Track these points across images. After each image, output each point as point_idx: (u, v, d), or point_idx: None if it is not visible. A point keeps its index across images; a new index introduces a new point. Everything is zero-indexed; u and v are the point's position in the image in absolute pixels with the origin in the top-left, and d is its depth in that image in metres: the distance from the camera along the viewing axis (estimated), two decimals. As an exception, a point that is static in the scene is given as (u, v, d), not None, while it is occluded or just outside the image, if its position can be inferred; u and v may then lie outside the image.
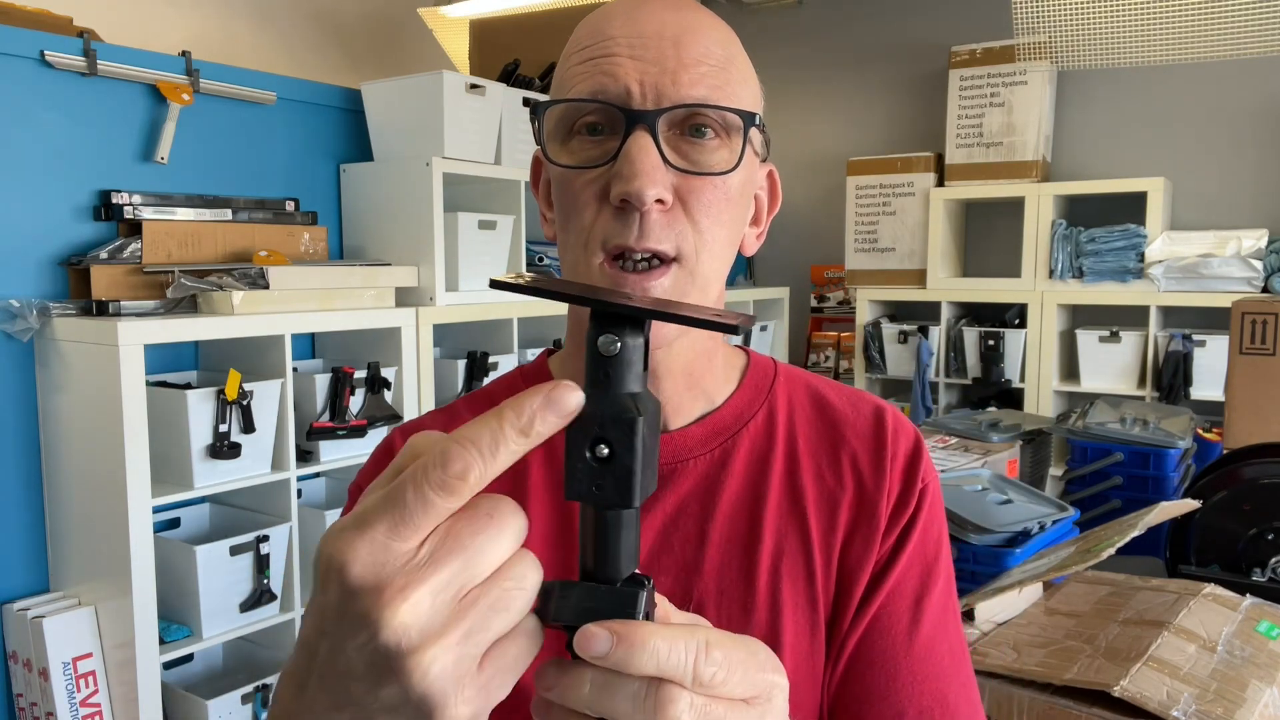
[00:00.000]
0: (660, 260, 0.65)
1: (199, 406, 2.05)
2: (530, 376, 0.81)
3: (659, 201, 0.64)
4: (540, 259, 2.93)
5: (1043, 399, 3.46)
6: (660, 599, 0.43)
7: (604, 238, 0.65)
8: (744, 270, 4.24)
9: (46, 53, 2.02)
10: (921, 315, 3.82)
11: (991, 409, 3.03)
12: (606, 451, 0.40)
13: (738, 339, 0.58)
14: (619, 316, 0.41)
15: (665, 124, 0.65)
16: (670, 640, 0.39)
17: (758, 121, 0.67)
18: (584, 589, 0.41)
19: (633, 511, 0.41)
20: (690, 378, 0.74)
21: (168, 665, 2.17)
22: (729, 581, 0.71)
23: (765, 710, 0.43)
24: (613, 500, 0.40)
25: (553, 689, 0.40)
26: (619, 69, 0.65)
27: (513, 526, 0.38)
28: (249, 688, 2.17)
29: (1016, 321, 3.55)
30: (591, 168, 0.65)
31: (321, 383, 2.32)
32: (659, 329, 0.65)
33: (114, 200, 2.13)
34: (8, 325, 1.98)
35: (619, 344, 0.40)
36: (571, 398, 0.38)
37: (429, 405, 2.53)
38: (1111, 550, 1.23)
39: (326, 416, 2.33)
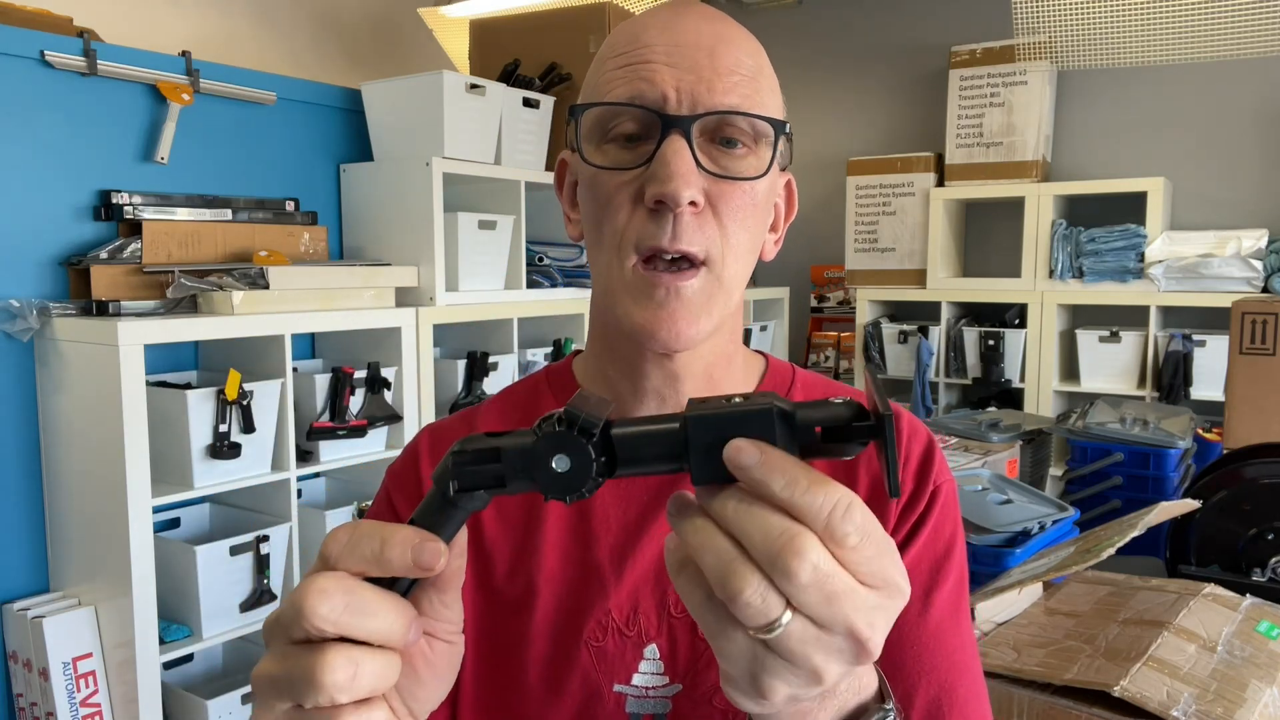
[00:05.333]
0: (690, 263, 0.67)
1: (199, 406, 2.05)
2: (555, 377, 0.82)
3: (692, 204, 0.65)
4: (540, 259, 2.92)
5: (1043, 399, 3.46)
6: None
7: (637, 239, 0.67)
8: (744, 270, 4.24)
9: (46, 53, 2.02)
10: (921, 315, 3.81)
11: (991, 409, 3.03)
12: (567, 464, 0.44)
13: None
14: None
15: (698, 130, 0.66)
16: (813, 481, 0.41)
17: (788, 130, 0.69)
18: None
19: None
20: (710, 380, 0.75)
21: (168, 665, 2.17)
22: None
23: (887, 604, 0.43)
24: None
25: (703, 498, 0.44)
26: (656, 75, 0.67)
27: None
28: (249, 688, 2.17)
29: (1016, 321, 3.55)
30: (626, 169, 0.67)
31: (321, 383, 2.32)
32: (689, 335, 0.67)
33: (114, 200, 2.13)
34: (8, 325, 1.98)
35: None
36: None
37: (429, 405, 2.53)
38: (1111, 550, 1.23)
39: (326, 416, 2.33)
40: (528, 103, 2.78)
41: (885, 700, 0.52)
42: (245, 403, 2.10)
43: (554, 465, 0.44)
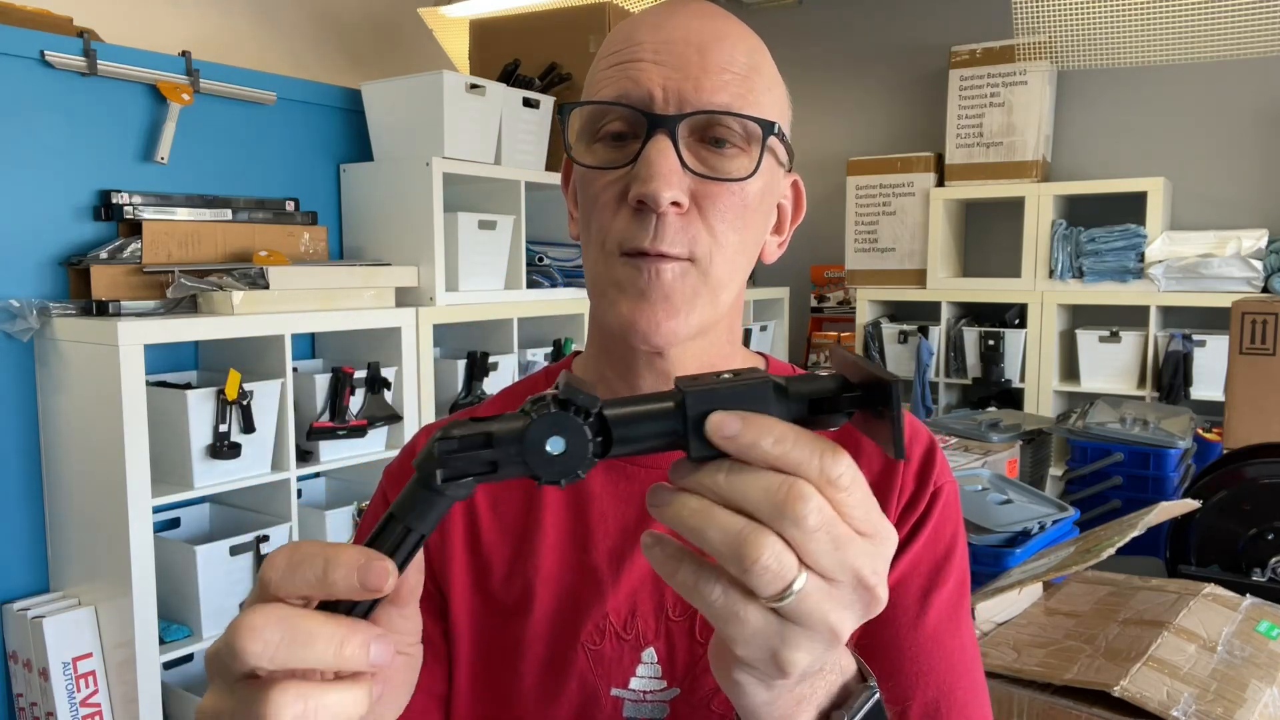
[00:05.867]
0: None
1: (199, 406, 2.05)
2: (554, 377, 0.82)
3: (675, 205, 0.64)
4: (540, 259, 2.92)
5: (1043, 399, 3.46)
6: None
7: (621, 239, 0.66)
8: (744, 270, 4.24)
9: (46, 53, 2.02)
10: (921, 315, 3.81)
11: (991, 409, 3.03)
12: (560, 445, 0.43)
13: None
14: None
15: (686, 129, 0.66)
16: (797, 433, 0.42)
17: (777, 130, 0.68)
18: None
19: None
20: None
21: (168, 665, 2.17)
22: None
23: (882, 550, 0.44)
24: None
25: (686, 479, 0.43)
26: (643, 74, 0.66)
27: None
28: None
29: (1016, 321, 3.55)
30: (612, 169, 0.67)
31: (321, 383, 2.32)
32: (669, 329, 0.66)
33: (114, 200, 2.13)
34: (8, 325, 1.98)
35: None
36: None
37: (429, 405, 2.53)
38: (1111, 550, 1.23)
39: (326, 416, 2.33)
40: (528, 103, 2.78)
41: (866, 679, 0.53)
42: (245, 403, 2.10)
43: (548, 447, 0.42)
